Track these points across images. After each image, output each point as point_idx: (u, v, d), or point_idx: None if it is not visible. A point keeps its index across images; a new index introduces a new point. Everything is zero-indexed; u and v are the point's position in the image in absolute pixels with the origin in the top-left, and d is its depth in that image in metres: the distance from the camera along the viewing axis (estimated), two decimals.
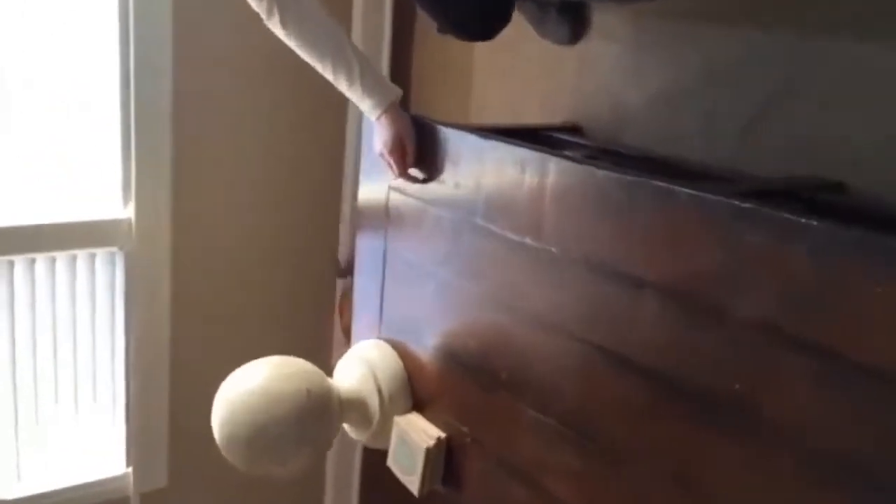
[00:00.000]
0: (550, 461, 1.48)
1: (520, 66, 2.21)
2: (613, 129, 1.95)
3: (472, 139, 1.58)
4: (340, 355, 2.81)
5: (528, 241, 1.46)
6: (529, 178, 1.45)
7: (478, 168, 1.57)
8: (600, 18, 1.99)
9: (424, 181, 1.68)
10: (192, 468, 2.66)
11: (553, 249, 1.42)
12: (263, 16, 1.58)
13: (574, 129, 2.00)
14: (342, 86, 1.62)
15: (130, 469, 2.57)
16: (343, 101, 2.69)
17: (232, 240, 2.62)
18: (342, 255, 2.79)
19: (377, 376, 1.80)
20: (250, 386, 1.66)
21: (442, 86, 2.47)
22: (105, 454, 2.55)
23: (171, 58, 2.36)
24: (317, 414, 1.69)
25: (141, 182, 2.38)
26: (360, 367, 1.84)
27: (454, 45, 2.41)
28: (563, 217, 1.40)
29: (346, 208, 2.77)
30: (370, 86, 1.61)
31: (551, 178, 1.41)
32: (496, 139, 1.54)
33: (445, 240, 1.66)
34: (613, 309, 1.32)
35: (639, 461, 1.31)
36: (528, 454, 1.53)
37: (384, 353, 1.85)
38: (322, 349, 2.85)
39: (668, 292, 1.23)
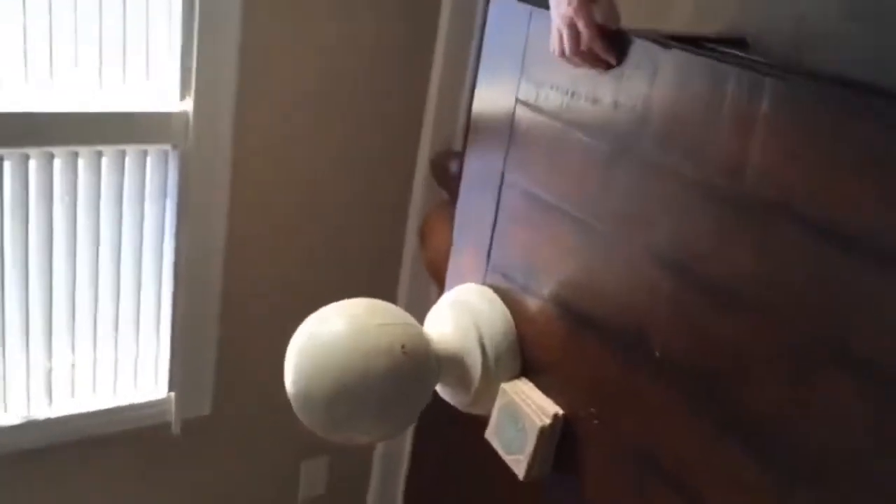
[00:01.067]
0: (716, 468, 1.16)
1: None
2: (791, 47, 1.56)
3: (646, 46, 1.21)
4: (412, 288, 2.53)
5: (719, 183, 1.11)
6: (732, 104, 1.09)
7: (649, 85, 1.21)
8: None
9: (610, 66, 1.25)
10: (238, 397, 2.40)
11: (760, 199, 1.06)
12: None
13: (737, 43, 1.62)
14: None
15: (173, 394, 2.30)
16: (433, 4, 2.35)
17: (301, 140, 2.28)
18: (421, 164, 2.44)
19: (482, 331, 1.48)
20: (334, 338, 1.34)
21: None
22: (146, 376, 2.29)
23: None
24: (412, 375, 1.38)
25: (202, 71, 2.04)
26: (461, 317, 1.52)
27: None
28: (781, 158, 1.04)
29: (430, 109, 2.40)
30: None
31: (767, 105, 1.05)
32: (681, 48, 1.17)
33: (592, 173, 1.31)
34: (855, 290, 0.97)
35: (858, 487, 0.98)
36: (682, 452, 1.21)
37: (491, 303, 1.52)
38: (392, 281, 2.55)
39: None
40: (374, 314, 1.39)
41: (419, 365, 1.40)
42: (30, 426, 2.12)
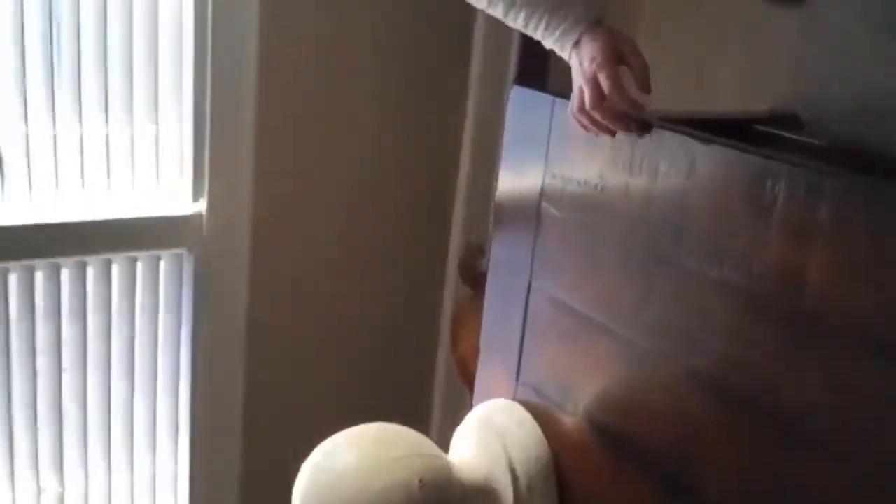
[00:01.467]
0: None
1: (707, 27, 1.68)
2: (851, 126, 1.41)
3: (678, 139, 1.07)
4: (445, 395, 2.37)
5: (774, 298, 0.95)
6: (784, 207, 0.93)
7: (687, 182, 1.06)
8: None
9: (642, 131, 1.12)
10: None
11: (824, 318, 0.90)
12: None
13: (790, 121, 1.47)
14: (518, 20, 1.18)
15: None
16: (461, 89, 2.24)
17: (323, 244, 2.15)
18: (450, 269, 2.31)
19: (511, 455, 1.32)
20: (344, 474, 1.20)
21: None
22: (165, 498, 2.14)
23: (257, 24, 1.90)
24: None
25: (216, 172, 1.95)
26: (488, 439, 1.36)
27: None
28: (847, 271, 0.88)
29: (458, 212, 2.28)
30: (559, 8, 1.13)
31: (826, 209, 0.89)
32: (721, 142, 1.02)
33: (626, 281, 1.16)
34: None
35: None
36: None
37: (521, 423, 1.36)
38: (426, 385, 2.39)
39: None
40: (387, 445, 1.24)
41: (440, 499, 1.24)
42: None
